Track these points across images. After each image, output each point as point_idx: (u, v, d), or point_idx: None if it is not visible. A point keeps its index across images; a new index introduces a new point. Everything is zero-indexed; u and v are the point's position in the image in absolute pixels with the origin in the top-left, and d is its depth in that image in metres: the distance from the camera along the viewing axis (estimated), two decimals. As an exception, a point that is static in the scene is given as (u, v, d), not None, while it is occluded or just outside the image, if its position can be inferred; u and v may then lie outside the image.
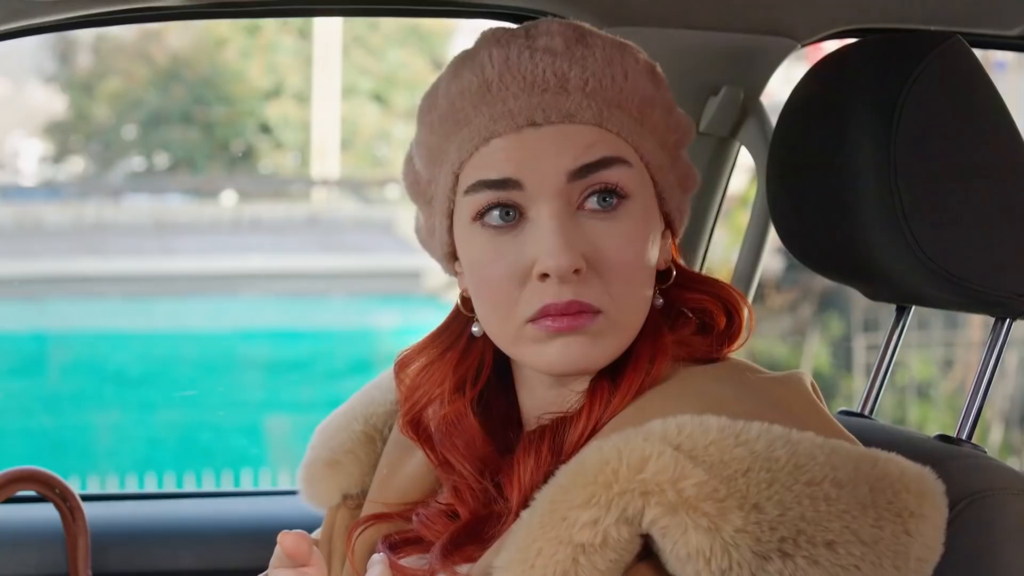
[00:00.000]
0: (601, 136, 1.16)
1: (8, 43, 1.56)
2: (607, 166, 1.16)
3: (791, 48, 1.76)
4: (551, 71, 1.17)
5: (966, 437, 1.47)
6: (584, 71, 1.17)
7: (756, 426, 1.07)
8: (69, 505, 1.75)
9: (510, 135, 1.16)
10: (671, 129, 1.22)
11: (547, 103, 1.16)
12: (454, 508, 1.24)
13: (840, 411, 1.59)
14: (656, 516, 1.03)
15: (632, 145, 1.18)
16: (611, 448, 1.07)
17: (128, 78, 8.96)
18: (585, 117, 1.16)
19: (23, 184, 9.26)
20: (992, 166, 1.39)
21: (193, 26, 8.91)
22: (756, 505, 1.02)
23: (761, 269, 1.85)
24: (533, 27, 1.21)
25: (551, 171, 1.15)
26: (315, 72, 8.48)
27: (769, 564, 1.01)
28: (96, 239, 8.35)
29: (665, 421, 1.08)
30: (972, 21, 1.75)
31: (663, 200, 1.22)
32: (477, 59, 1.19)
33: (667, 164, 1.21)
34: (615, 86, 1.17)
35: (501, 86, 1.17)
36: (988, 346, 1.49)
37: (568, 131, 1.16)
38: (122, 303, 8.02)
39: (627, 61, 1.19)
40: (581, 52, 1.18)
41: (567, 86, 1.16)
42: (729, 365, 1.21)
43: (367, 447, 1.39)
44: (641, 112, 1.19)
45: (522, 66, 1.17)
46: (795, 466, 1.04)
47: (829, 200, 1.42)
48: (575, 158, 1.15)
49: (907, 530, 1.05)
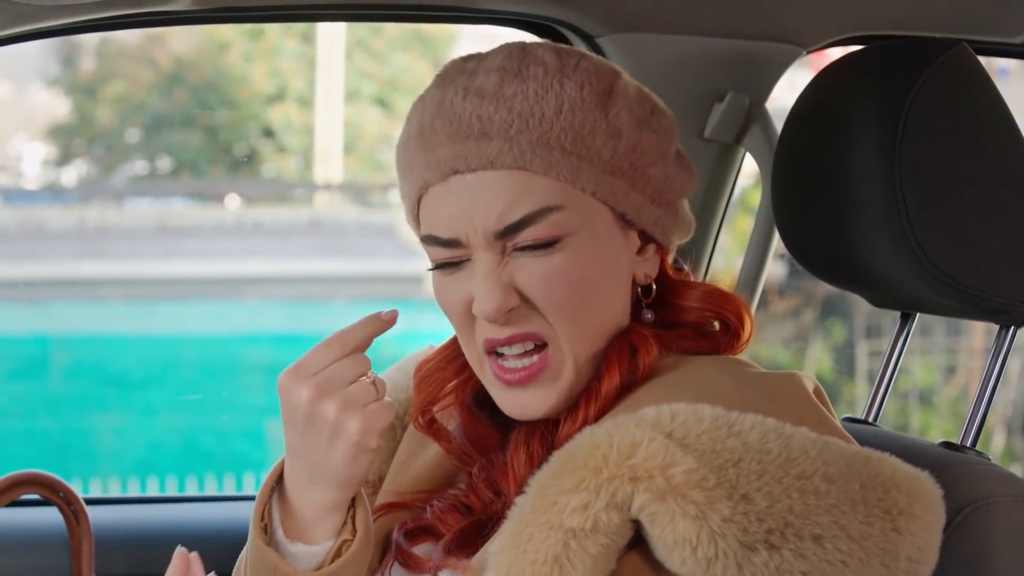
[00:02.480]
0: (526, 183, 1.15)
1: (12, 46, 1.56)
2: (532, 222, 1.16)
3: (796, 55, 1.76)
4: (476, 116, 1.16)
5: (970, 444, 1.47)
6: (510, 112, 1.16)
7: (750, 417, 1.07)
8: (73, 508, 1.75)
9: (440, 184, 1.17)
10: (623, 153, 1.18)
11: (469, 151, 1.16)
12: (465, 501, 1.25)
13: (844, 418, 1.59)
14: (645, 502, 1.04)
15: (566, 181, 1.16)
16: (602, 433, 1.08)
17: (131, 82, 8.96)
18: (506, 162, 1.15)
19: (26, 187, 9.26)
20: (997, 173, 1.39)
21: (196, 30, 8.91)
22: (745, 496, 1.03)
23: (766, 275, 1.85)
24: (484, 58, 1.20)
25: (480, 230, 1.16)
26: (318, 76, 8.49)
27: (755, 555, 1.02)
28: (99, 242, 8.34)
29: (659, 408, 1.09)
30: (976, 28, 1.75)
31: (629, 220, 1.20)
32: (423, 101, 1.21)
33: (623, 187, 1.19)
34: (543, 124, 1.16)
35: (432, 132, 1.18)
36: (992, 353, 1.49)
37: (492, 179, 1.16)
38: (124, 306, 8.02)
39: (566, 91, 1.17)
40: (513, 89, 1.16)
41: (489, 131, 1.15)
42: (728, 358, 1.22)
43: (387, 433, 1.40)
44: (578, 145, 1.16)
45: (453, 111, 1.17)
46: (786, 459, 1.05)
47: (834, 207, 1.42)
48: (499, 219, 1.15)
49: (896, 528, 1.05)
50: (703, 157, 1.79)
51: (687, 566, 1.03)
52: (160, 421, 6.64)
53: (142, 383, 7.11)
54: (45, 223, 8.50)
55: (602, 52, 1.72)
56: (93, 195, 9.12)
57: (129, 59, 8.93)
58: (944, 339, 6.80)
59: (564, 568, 1.05)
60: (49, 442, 6.47)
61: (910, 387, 6.58)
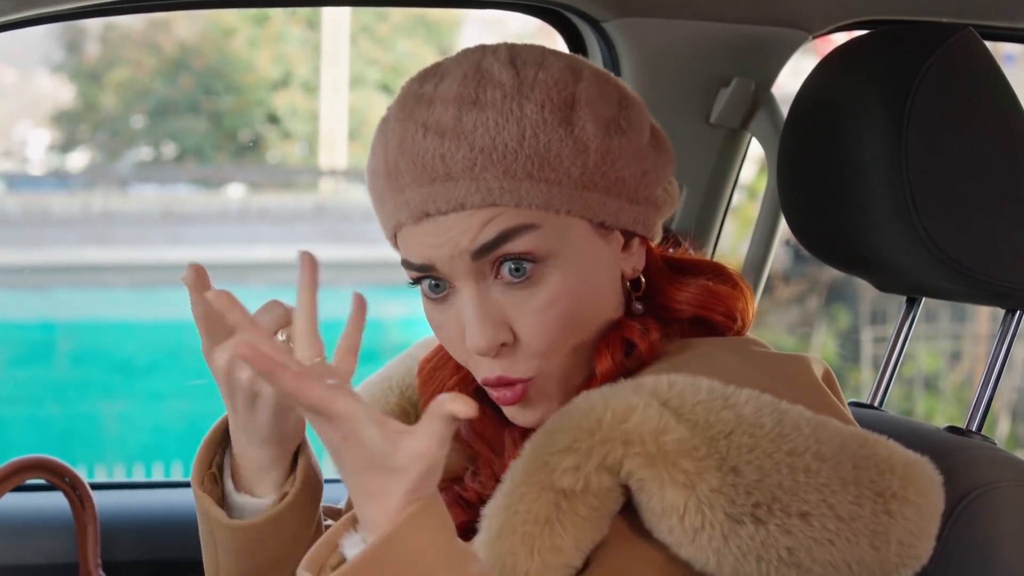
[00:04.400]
0: (497, 212, 1.13)
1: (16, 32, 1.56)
2: (508, 239, 1.13)
3: (803, 40, 1.76)
4: (439, 155, 1.13)
5: (975, 429, 1.47)
6: (472, 150, 1.12)
7: (746, 392, 1.08)
8: (78, 493, 1.75)
9: (411, 225, 1.15)
10: (595, 166, 1.15)
11: (437, 193, 1.13)
12: (465, 496, 1.24)
13: (850, 402, 1.59)
14: (634, 467, 1.04)
15: (538, 208, 1.13)
16: (599, 397, 1.09)
17: (136, 68, 8.95)
18: (475, 202, 1.13)
19: (30, 173, 9.26)
20: (1003, 158, 1.39)
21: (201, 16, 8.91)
22: (734, 468, 1.03)
23: (771, 261, 1.85)
24: (440, 80, 1.16)
25: (456, 253, 1.14)
26: (323, 62, 8.47)
27: (741, 528, 1.02)
28: (103, 228, 8.35)
29: (658, 377, 1.09)
30: (983, 13, 1.75)
31: (608, 226, 1.18)
32: (385, 134, 1.17)
33: (596, 199, 1.15)
34: (507, 156, 1.12)
35: (398, 172, 1.15)
36: (998, 338, 1.49)
37: (464, 216, 1.13)
38: (129, 292, 8.02)
39: (526, 113, 1.13)
40: (472, 121, 1.12)
41: (453, 171, 1.12)
42: (740, 338, 1.22)
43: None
44: (545, 170, 1.13)
45: (415, 150, 1.14)
46: (779, 435, 1.05)
47: (840, 191, 1.42)
48: (472, 239, 1.13)
49: (888, 511, 1.05)
50: (709, 142, 1.79)
51: (674, 535, 1.04)
52: (165, 406, 6.64)
53: (147, 368, 7.12)
54: (50, 209, 8.50)
55: (608, 37, 1.72)
56: (98, 181, 9.11)
57: (133, 45, 8.92)
58: (949, 325, 6.80)
59: (554, 529, 1.05)
60: (54, 427, 6.48)
61: (915, 373, 6.58)
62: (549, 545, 1.06)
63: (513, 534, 1.07)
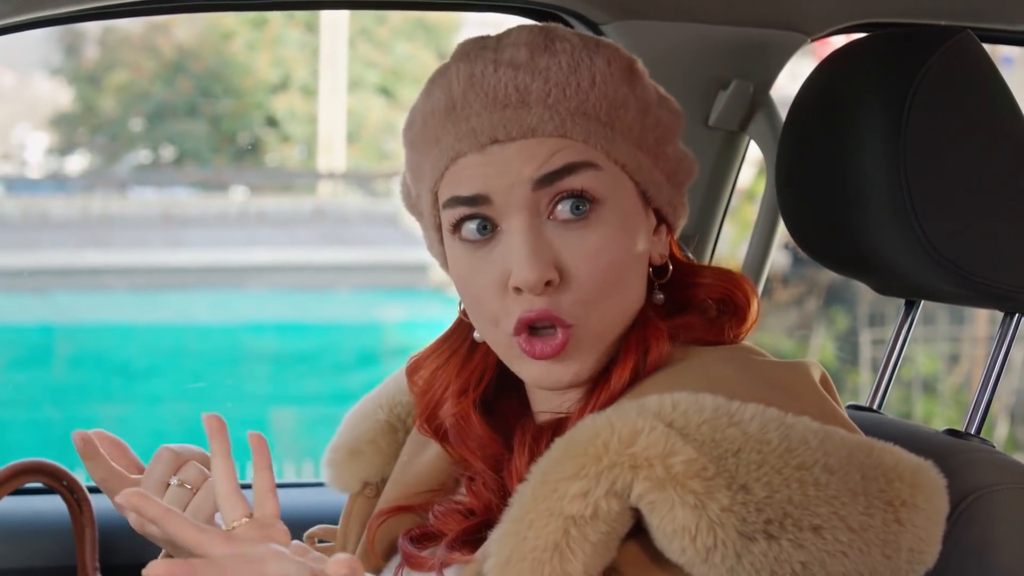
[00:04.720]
0: (565, 145, 1.16)
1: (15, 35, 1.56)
2: (572, 172, 1.16)
3: (801, 42, 1.76)
4: (513, 85, 1.16)
5: (974, 432, 1.47)
6: (547, 82, 1.16)
7: (751, 407, 1.07)
8: (76, 497, 1.75)
9: (475, 154, 1.17)
10: (649, 128, 1.21)
11: (508, 119, 1.16)
12: (468, 506, 1.24)
13: (848, 405, 1.59)
14: (644, 491, 1.04)
15: (602, 150, 1.17)
16: (604, 421, 1.08)
17: (135, 71, 8.95)
18: (547, 130, 1.16)
19: (29, 176, 9.25)
20: (1001, 161, 1.39)
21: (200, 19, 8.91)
22: (744, 486, 1.03)
23: (770, 263, 1.85)
24: (505, 36, 1.21)
25: (516, 182, 1.15)
26: (322, 65, 8.48)
27: (754, 545, 1.02)
28: (102, 231, 8.35)
29: (661, 397, 1.09)
30: (981, 16, 1.75)
31: (650, 198, 1.22)
32: (446, 76, 1.20)
33: (647, 163, 1.20)
34: (580, 94, 1.17)
35: (465, 104, 1.17)
36: (997, 341, 1.49)
37: (531, 144, 1.16)
38: (128, 295, 8.02)
39: (596, 64, 1.18)
40: (546, 62, 1.17)
41: (528, 100, 1.16)
42: (736, 347, 1.22)
43: (389, 437, 1.40)
44: (611, 116, 1.18)
45: (485, 82, 1.17)
46: (786, 449, 1.05)
47: (838, 194, 1.42)
48: (538, 167, 1.15)
49: (898, 519, 1.05)
50: (707, 145, 1.79)
51: (686, 555, 1.03)
52: (164, 410, 6.64)
53: (146, 372, 7.12)
54: (49, 212, 8.50)
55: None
56: (97, 184, 9.11)
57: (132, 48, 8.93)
58: (948, 328, 6.81)
59: (564, 555, 1.05)
60: (53, 431, 6.48)
61: (913, 375, 6.58)
62: (559, 571, 1.05)
63: (522, 560, 1.06)
